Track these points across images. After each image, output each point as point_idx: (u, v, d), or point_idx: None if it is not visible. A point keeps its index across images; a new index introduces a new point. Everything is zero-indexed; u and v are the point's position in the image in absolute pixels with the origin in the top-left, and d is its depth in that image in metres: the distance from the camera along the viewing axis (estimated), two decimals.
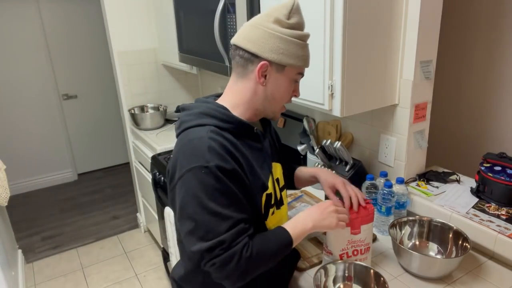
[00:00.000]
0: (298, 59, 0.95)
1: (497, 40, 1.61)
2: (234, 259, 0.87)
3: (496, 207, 1.27)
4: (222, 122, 0.95)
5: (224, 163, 0.88)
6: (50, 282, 2.60)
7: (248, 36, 0.94)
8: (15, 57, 3.61)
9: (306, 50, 0.97)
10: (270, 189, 1.03)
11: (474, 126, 1.78)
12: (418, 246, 1.23)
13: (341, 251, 1.09)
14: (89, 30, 3.88)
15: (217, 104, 0.99)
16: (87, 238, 3.09)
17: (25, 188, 3.95)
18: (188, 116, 0.98)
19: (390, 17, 1.29)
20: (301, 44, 0.95)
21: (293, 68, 0.96)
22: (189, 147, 0.91)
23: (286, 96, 1.00)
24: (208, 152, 0.88)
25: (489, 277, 1.12)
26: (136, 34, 2.67)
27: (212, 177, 0.87)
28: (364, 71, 1.28)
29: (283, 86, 0.98)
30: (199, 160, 0.88)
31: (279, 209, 1.09)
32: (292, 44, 0.93)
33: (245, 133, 0.99)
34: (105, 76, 4.05)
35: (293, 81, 0.99)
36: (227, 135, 0.94)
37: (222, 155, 0.89)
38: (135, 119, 2.68)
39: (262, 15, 0.96)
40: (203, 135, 0.91)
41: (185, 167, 0.89)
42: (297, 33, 0.94)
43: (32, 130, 3.85)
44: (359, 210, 1.07)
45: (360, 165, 1.50)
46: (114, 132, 4.27)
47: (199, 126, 0.95)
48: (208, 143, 0.89)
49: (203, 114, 0.96)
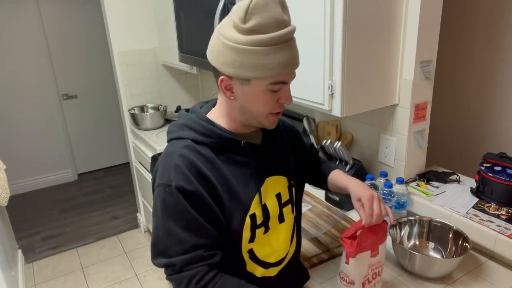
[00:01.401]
0: (263, 69, 0.79)
1: (497, 40, 1.61)
2: (183, 283, 0.85)
3: (496, 207, 1.27)
4: (201, 136, 0.89)
5: (185, 184, 0.83)
6: (50, 282, 2.60)
7: (210, 46, 0.86)
8: (15, 57, 3.61)
9: (275, 55, 0.79)
10: (254, 209, 0.92)
11: (474, 126, 1.78)
12: (418, 246, 1.23)
13: (364, 278, 0.98)
14: (89, 30, 3.88)
15: (201, 116, 0.92)
16: (87, 238, 3.09)
17: (25, 188, 3.95)
18: (173, 127, 0.96)
19: (390, 17, 1.29)
20: (264, 51, 0.78)
21: (261, 80, 0.81)
22: (163, 161, 0.89)
23: (266, 107, 0.86)
24: (174, 171, 0.85)
25: (489, 277, 1.12)
26: (136, 34, 2.67)
27: (173, 197, 0.84)
28: (364, 71, 1.28)
29: (255, 99, 0.85)
30: (164, 177, 0.86)
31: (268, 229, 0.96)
32: (251, 54, 0.78)
33: (227, 147, 0.91)
34: (105, 76, 4.05)
35: (269, 91, 0.84)
36: (204, 150, 0.88)
37: (186, 175, 0.84)
38: (135, 119, 2.68)
39: (226, 17, 0.85)
40: (175, 151, 0.88)
41: (156, 181, 0.88)
42: (256, 38, 0.77)
43: (32, 130, 3.85)
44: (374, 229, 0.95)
45: (360, 165, 1.50)
46: (114, 132, 4.27)
47: (178, 139, 0.91)
48: (175, 161, 0.85)
49: (185, 126, 0.92)
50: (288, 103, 0.88)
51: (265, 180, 0.96)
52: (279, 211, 0.99)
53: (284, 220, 1.00)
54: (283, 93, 0.86)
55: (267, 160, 0.98)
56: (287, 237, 1.02)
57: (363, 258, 0.96)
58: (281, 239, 1.00)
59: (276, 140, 1.03)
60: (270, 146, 1.00)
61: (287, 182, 1.02)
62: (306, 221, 1.44)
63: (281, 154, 1.03)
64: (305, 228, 1.40)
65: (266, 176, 0.97)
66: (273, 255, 0.99)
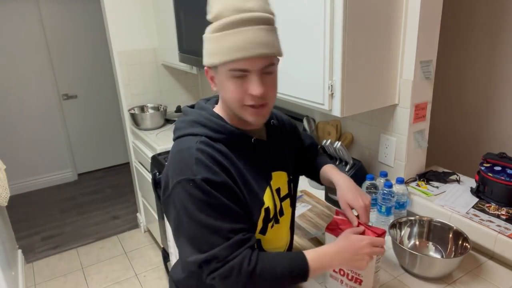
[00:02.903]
0: (220, 54, 0.82)
1: (497, 40, 1.61)
2: (233, 273, 0.83)
3: (496, 207, 1.27)
4: (214, 132, 0.90)
5: (212, 175, 0.84)
6: (50, 282, 2.60)
7: None
8: (15, 57, 3.61)
9: (232, 39, 0.80)
10: (267, 203, 0.96)
11: (474, 126, 1.78)
12: (418, 246, 1.23)
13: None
14: (89, 30, 3.88)
15: (211, 112, 0.93)
16: (87, 238, 3.09)
17: (25, 188, 3.95)
18: (182, 123, 0.95)
19: (390, 17, 1.29)
20: (221, 36, 0.81)
21: (223, 66, 0.84)
22: (178, 158, 0.88)
23: (235, 97, 0.86)
24: (195, 165, 0.84)
25: (489, 277, 1.12)
26: (136, 34, 2.67)
27: (200, 190, 0.83)
28: (364, 71, 1.28)
29: (224, 86, 0.87)
30: (186, 173, 0.84)
31: (277, 222, 1.01)
32: (212, 41, 0.83)
33: (240, 144, 0.92)
34: (105, 76, 4.05)
35: (233, 79, 0.84)
36: (219, 146, 0.89)
37: (210, 167, 0.85)
38: (135, 119, 2.68)
39: None
40: (192, 146, 0.87)
41: (175, 179, 0.86)
42: (214, 25, 0.83)
43: (32, 130, 3.85)
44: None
45: (360, 165, 1.50)
46: (114, 132, 4.27)
47: (191, 136, 0.91)
48: (195, 155, 0.85)
49: (196, 122, 0.92)
50: (254, 94, 0.84)
51: (272, 176, 0.99)
52: (280, 205, 1.02)
53: (284, 213, 1.03)
54: (249, 83, 0.84)
55: (272, 156, 1.00)
56: (287, 231, 1.07)
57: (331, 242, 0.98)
58: (283, 232, 1.04)
59: (278, 135, 1.06)
60: (275, 141, 1.03)
61: (287, 177, 1.05)
62: (306, 221, 1.44)
63: (282, 150, 1.05)
64: (305, 228, 1.40)
65: (273, 171, 1.00)
66: (277, 248, 1.03)
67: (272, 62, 0.86)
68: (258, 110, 0.88)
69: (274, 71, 0.88)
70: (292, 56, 1.38)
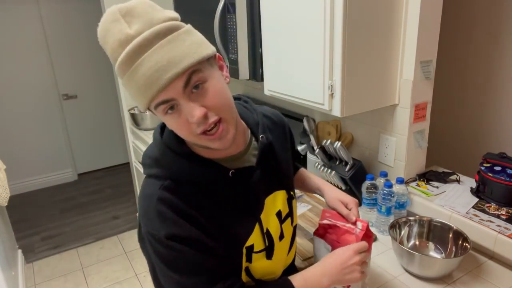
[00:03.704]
0: (137, 99, 0.71)
1: (497, 40, 1.61)
2: None
3: (496, 207, 1.27)
4: (180, 174, 0.78)
5: (176, 230, 0.74)
6: (50, 282, 2.60)
7: None
8: (15, 57, 3.61)
9: (131, 83, 0.68)
10: (252, 241, 0.84)
11: (474, 126, 1.78)
12: (418, 246, 1.23)
13: None
14: (89, 30, 3.88)
15: (178, 148, 0.80)
16: (87, 238, 3.09)
17: (25, 188, 3.95)
18: (147, 159, 0.83)
19: (390, 17, 1.29)
20: (125, 79, 0.69)
21: (149, 106, 0.71)
22: (143, 206, 0.79)
23: (182, 131, 0.74)
24: (157, 218, 0.75)
25: (489, 277, 1.12)
26: None
27: (164, 247, 0.75)
28: (364, 71, 1.28)
29: (168, 124, 0.75)
30: (149, 226, 0.76)
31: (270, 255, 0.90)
32: (125, 87, 0.71)
33: (215, 182, 0.80)
34: (105, 76, 4.05)
35: (168, 114, 0.71)
36: (186, 190, 0.77)
37: (174, 220, 0.74)
38: (135, 119, 2.68)
39: None
40: (154, 194, 0.76)
41: (143, 228, 0.79)
42: (116, 71, 0.70)
43: (32, 130, 3.85)
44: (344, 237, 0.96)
45: (360, 165, 1.50)
46: (114, 132, 4.27)
47: (155, 178, 0.79)
48: (157, 207, 0.75)
49: (159, 161, 0.80)
50: (193, 121, 0.70)
51: (264, 204, 0.87)
52: (280, 230, 0.92)
53: (284, 236, 0.94)
54: (184, 111, 0.70)
55: (265, 180, 0.87)
56: (284, 252, 0.97)
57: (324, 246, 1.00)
58: (281, 256, 0.95)
59: (275, 152, 0.92)
60: (268, 163, 0.88)
61: (286, 195, 0.95)
62: (306, 221, 1.44)
63: (280, 167, 0.93)
64: (305, 228, 1.39)
65: (265, 198, 0.88)
66: (271, 276, 0.94)
67: (193, 71, 0.68)
68: (216, 133, 0.73)
69: (203, 79, 0.70)
70: (292, 56, 1.38)
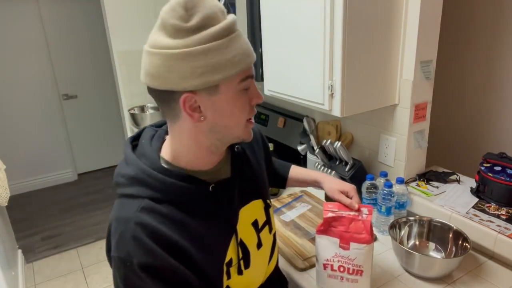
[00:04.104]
0: (228, 66, 0.67)
1: (497, 40, 1.61)
2: None
3: (496, 207, 1.27)
4: (158, 193, 0.72)
5: (150, 259, 0.68)
6: (50, 282, 2.60)
7: (149, 70, 0.69)
8: (15, 57, 3.61)
9: (234, 46, 0.68)
10: (230, 255, 0.81)
11: (474, 126, 1.78)
12: (418, 246, 1.23)
13: (326, 261, 1.01)
14: (89, 30, 3.88)
15: (155, 164, 0.75)
16: (87, 238, 3.09)
17: (25, 188, 3.95)
18: (121, 178, 0.76)
19: (390, 17, 1.29)
20: (222, 44, 0.66)
21: (230, 80, 0.69)
22: (117, 229, 0.71)
23: (241, 114, 0.74)
24: (133, 244, 0.68)
25: (489, 277, 1.12)
26: (136, 34, 2.67)
27: (136, 275, 0.69)
28: (364, 71, 1.28)
29: (229, 107, 0.71)
30: (122, 251, 0.69)
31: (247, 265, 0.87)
32: (210, 53, 0.65)
33: (193, 199, 0.76)
34: (105, 76, 4.05)
35: (241, 91, 0.71)
36: (165, 210, 0.72)
37: (150, 248, 0.68)
38: (135, 119, 2.68)
39: (155, 28, 0.71)
40: (130, 217, 0.70)
41: (113, 253, 0.71)
42: (208, 33, 0.66)
43: (32, 130, 3.85)
44: (352, 225, 0.96)
45: (360, 165, 1.50)
46: (114, 132, 4.27)
47: (131, 198, 0.73)
48: (133, 232, 0.69)
49: (135, 180, 0.73)
50: (260, 101, 0.75)
51: (239, 215, 0.84)
52: (257, 239, 0.89)
53: (262, 245, 0.91)
54: (253, 91, 0.74)
55: (240, 191, 0.85)
56: (265, 261, 0.95)
57: (330, 242, 0.98)
58: (260, 265, 0.93)
59: (249, 161, 0.91)
60: (242, 173, 0.87)
61: (263, 203, 0.93)
62: (306, 221, 1.44)
63: (255, 176, 0.92)
64: (305, 228, 1.40)
65: (240, 209, 0.85)
66: (252, 285, 0.92)
67: None
68: (252, 123, 0.77)
69: None
70: (292, 56, 1.38)
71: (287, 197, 1.63)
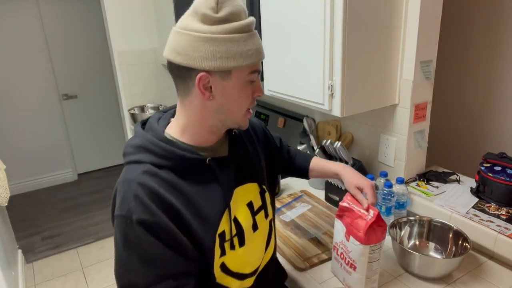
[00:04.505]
0: (243, 57, 0.78)
1: (497, 40, 1.61)
2: None
3: (496, 207, 1.27)
4: (161, 159, 0.82)
5: (147, 216, 0.76)
6: (50, 282, 2.60)
7: (175, 46, 0.79)
8: (15, 57, 3.61)
9: (251, 42, 0.79)
10: (223, 227, 0.87)
11: (474, 126, 1.78)
12: (418, 246, 1.23)
13: (335, 244, 1.11)
14: (89, 30, 3.88)
15: (159, 135, 0.85)
16: (87, 238, 3.09)
17: (25, 188, 3.95)
18: (129, 148, 0.86)
19: (390, 17, 1.29)
20: (242, 38, 0.77)
21: (241, 69, 0.80)
22: (121, 189, 0.81)
23: (245, 102, 0.85)
24: (134, 201, 0.77)
25: (489, 277, 1.12)
26: (136, 34, 2.67)
27: (133, 230, 0.76)
28: (364, 71, 1.28)
29: (236, 93, 0.82)
30: (124, 209, 0.78)
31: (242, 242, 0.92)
32: (230, 42, 0.77)
33: (192, 168, 0.84)
34: (105, 76, 4.05)
35: (248, 82, 0.83)
36: (166, 174, 0.81)
37: (147, 206, 0.77)
38: (135, 119, 2.68)
39: (187, 14, 0.82)
40: (134, 178, 0.79)
41: (116, 211, 0.81)
42: (231, 26, 0.76)
43: (32, 130, 3.85)
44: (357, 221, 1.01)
45: (360, 165, 1.50)
46: (114, 132, 4.27)
47: (136, 163, 0.83)
48: (135, 191, 0.78)
49: (141, 148, 0.84)
50: (261, 95, 0.88)
51: (233, 193, 0.91)
52: (252, 221, 0.94)
53: (258, 228, 0.96)
54: (257, 85, 0.86)
55: (235, 171, 0.92)
56: (261, 245, 0.99)
57: (341, 228, 1.06)
58: (256, 247, 0.97)
59: (245, 145, 0.99)
60: (238, 154, 0.95)
61: (258, 188, 0.98)
62: (306, 221, 1.44)
63: (251, 160, 0.99)
64: (305, 228, 1.40)
65: (235, 188, 0.92)
66: (248, 266, 0.95)
67: None
68: (250, 113, 0.90)
69: None
70: (292, 56, 1.38)
71: (287, 197, 1.63)
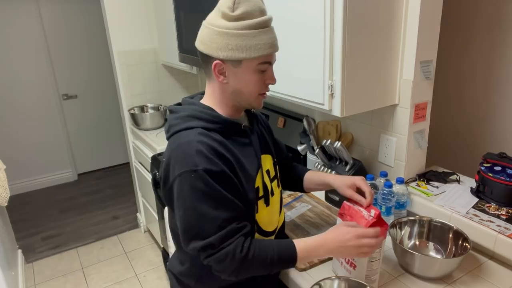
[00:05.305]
0: (251, 50, 0.91)
1: (497, 40, 1.61)
2: (227, 258, 0.91)
3: (496, 207, 1.27)
4: (209, 123, 0.97)
5: (212, 166, 0.91)
6: (50, 282, 2.60)
7: (200, 37, 0.97)
8: (15, 57, 3.61)
9: (261, 38, 0.92)
10: (258, 183, 1.04)
11: (474, 126, 1.78)
12: (418, 246, 1.23)
13: None
14: (89, 30, 3.88)
15: (202, 105, 1.01)
16: (87, 238, 3.09)
17: (25, 188, 3.95)
18: (176, 120, 1.00)
19: (390, 17, 1.29)
20: (252, 34, 0.91)
21: (251, 60, 0.93)
22: (179, 151, 0.93)
23: (256, 87, 0.98)
24: (197, 156, 0.90)
25: (489, 277, 1.12)
26: (136, 34, 2.67)
27: (201, 180, 0.90)
28: (364, 71, 1.28)
29: (246, 79, 0.96)
30: (188, 165, 0.90)
31: (267, 202, 1.08)
32: (241, 37, 0.90)
33: (232, 131, 1.01)
34: (105, 76, 4.05)
35: (258, 71, 0.96)
36: (215, 136, 0.96)
37: (210, 158, 0.91)
38: (135, 119, 2.68)
39: (213, 11, 0.96)
40: (192, 139, 0.93)
41: (177, 172, 0.92)
42: (244, 23, 0.90)
43: (32, 130, 3.85)
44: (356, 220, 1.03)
45: (360, 165, 1.50)
46: (114, 132, 4.27)
47: (187, 130, 0.97)
48: (196, 147, 0.91)
49: (190, 116, 0.98)
50: (273, 83, 1.00)
51: (261, 158, 1.07)
52: (270, 186, 1.10)
53: (274, 193, 1.12)
54: (268, 74, 0.99)
55: (257, 141, 1.09)
56: (277, 208, 1.15)
57: None
58: (274, 209, 1.13)
59: (258, 123, 1.17)
60: (257, 128, 1.13)
61: (272, 159, 1.15)
62: (306, 221, 1.44)
63: (264, 135, 1.16)
64: (305, 228, 1.40)
65: (261, 154, 1.08)
66: (271, 225, 1.11)
67: None
68: (264, 96, 1.03)
69: None
70: (292, 56, 1.38)
71: (287, 197, 1.63)
